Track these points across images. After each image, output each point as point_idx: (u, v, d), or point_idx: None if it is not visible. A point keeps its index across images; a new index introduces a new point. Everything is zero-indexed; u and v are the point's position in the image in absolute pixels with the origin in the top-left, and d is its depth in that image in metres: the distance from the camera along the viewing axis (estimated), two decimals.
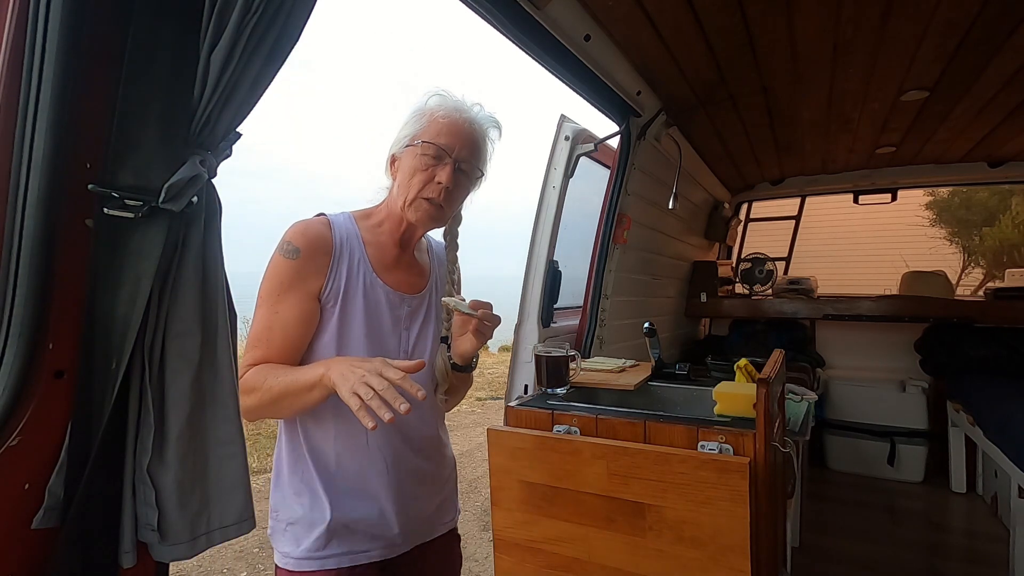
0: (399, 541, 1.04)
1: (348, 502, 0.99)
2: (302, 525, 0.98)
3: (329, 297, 0.98)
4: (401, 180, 1.03)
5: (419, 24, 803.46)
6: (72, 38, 0.50)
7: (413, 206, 1.02)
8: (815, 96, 2.13)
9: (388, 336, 1.03)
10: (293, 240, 0.96)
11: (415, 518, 1.06)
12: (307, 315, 0.96)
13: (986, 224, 8.19)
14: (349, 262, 1.00)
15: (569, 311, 2.16)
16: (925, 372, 3.48)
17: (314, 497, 0.99)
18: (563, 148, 1.87)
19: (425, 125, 1.01)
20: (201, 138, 0.57)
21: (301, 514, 0.99)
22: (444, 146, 1.00)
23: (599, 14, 1.50)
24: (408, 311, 1.07)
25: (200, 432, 0.59)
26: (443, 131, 1.01)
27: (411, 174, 1.01)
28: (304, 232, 0.97)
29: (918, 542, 2.66)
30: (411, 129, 1.03)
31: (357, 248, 1.02)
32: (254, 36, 0.55)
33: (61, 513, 0.53)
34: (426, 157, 1.00)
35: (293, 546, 0.98)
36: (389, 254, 1.07)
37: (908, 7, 1.48)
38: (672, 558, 1.08)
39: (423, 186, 1.01)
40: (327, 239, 0.99)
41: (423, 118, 1.02)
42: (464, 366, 1.09)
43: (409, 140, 1.02)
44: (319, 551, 0.97)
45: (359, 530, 1.00)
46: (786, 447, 1.37)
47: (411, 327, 1.07)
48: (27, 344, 0.51)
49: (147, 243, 0.55)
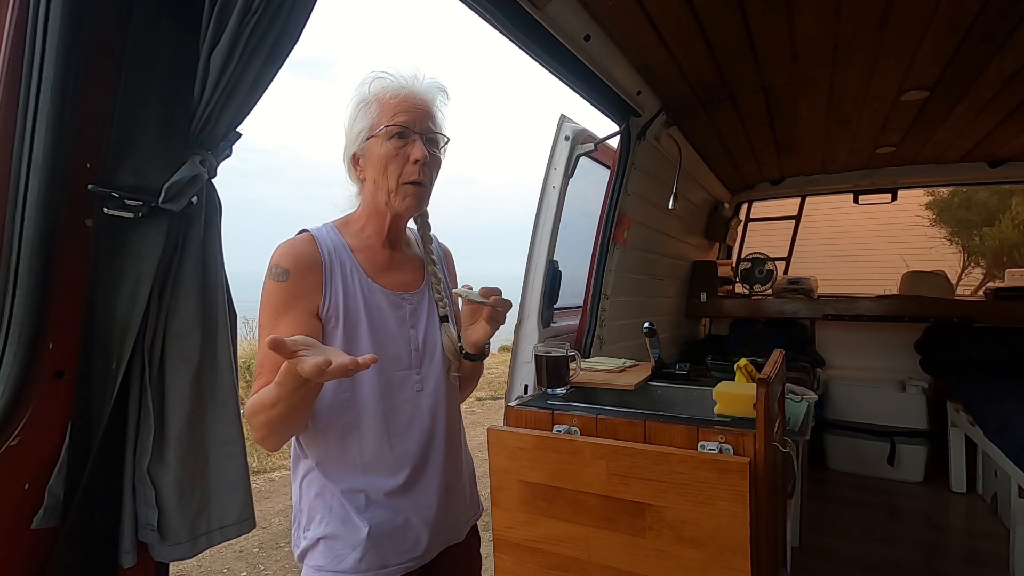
0: (428, 544, 1.02)
1: (378, 510, 0.98)
2: (337, 540, 0.96)
3: (330, 313, 0.96)
4: (374, 175, 1.00)
5: (419, 24, 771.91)
6: (72, 38, 0.50)
7: (399, 194, 0.99)
8: (815, 96, 2.12)
9: (396, 338, 1.02)
10: (281, 262, 0.93)
11: (442, 517, 1.05)
12: (308, 334, 0.92)
13: (986, 224, 8.18)
14: (342, 273, 0.98)
15: (569, 311, 2.16)
16: (925, 372, 3.48)
17: (344, 511, 0.97)
18: (563, 148, 1.87)
19: (377, 112, 0.98)
20: (201, 138, 0.57)
21: (333, 529, 0.97)
22: (405, 124, 0.97)
23: (599, 14, 1.50)
24: (411, 309, 1.05)
25: (200, 432, 0.59)
26: (398, 110, 0.97)
27: (383, 164, 0.98)
28: (290, 252, 0.95)
29: (918, 542, 2.66)
30: (365, 122, 0.98)
31: (347, 258, 1.00)
32: (254, 36, 0.55)
33: (61, 513, 0.53)
34: (392, 141, 0.97)
35: (327, 560, 0.96)
36: (380, 256, 1.05)
37: (908, 7, 1.48)
38: (672, 558, 1.08)
39: (401, 170, 0.98)
40: (315, 255, 0.97)
41: (371, 106, 0.98)
42: (476, 354, 1.07)
43: (368, 132, 0.98)
44: (355, 565, 0.95)
45: (394, 537, 0.98)
46: (786, 447, 1.37)
47: (417, 324, 1.06)
48: (27, 344, 0.51)
49: (147, 243, 0.55)
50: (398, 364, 1.01)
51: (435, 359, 1.06)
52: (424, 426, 1.03)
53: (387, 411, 0.98)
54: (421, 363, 1.04)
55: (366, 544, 0.96)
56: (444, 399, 1.06)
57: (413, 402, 1.01)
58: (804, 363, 3.26)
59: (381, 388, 0.98)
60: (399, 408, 1.00)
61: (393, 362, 1.00)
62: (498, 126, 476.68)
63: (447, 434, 1.07)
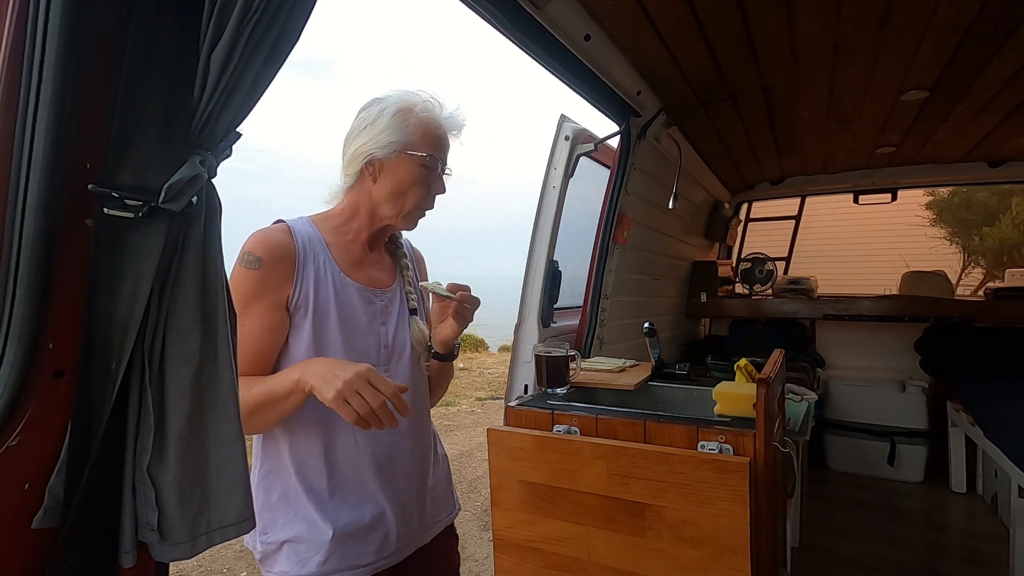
0: (398, 545, 1.02)
1: (344, 510, 0.97)
2: (300, 543, 0.95)
3: (299, 304, 0.95)
4: (393, 188, 1.00)
5: (419, 24, 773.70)
6: (72, 38, 0.50)
7: (409, 217, 1.03)
8: (815, 96, 2.13)
9: (365, 334, 1.01)
10: (254, 250, 0.93)
11: (412, 517, 1.05)
12: (275, 325, 0.93)
13: (986, 224, 8.19)
14: (315, 265, 0.98)
15: (569, 311, 2.16)
16: (925, 372, 3.48)
17: (308, 512, 0.95)
18: (563, 148, 1.87)
19: (416, 133, 0.99)
20: (201, 138, 0.57)
21: (297, 532, 0.95)
22: (439, 157, 1.02)
23: (599, 14, 1.50)
24: (382, 306, 1.05)
25: (200, 432, 0.59)
26: (434, 142, 1.01)
27: (408, 186, 1.00)
28: (263, 240, 0.94)
29: (918, 542, 2.66)
30: (399, 136, 0.98)
31: (321, 251, 1.00)
32: (254, 36, 0.55)
33: (61, 513, 0.52)
34: (423, 168, 1.00)
35: (292, 565, 0.94)
36: (354, 253, 1.05)
37: (908, 7, 1.48)
38: (672, 558, 1.08)
39: (420, 197, 1.02)
40: (289, 245, 0.96)
41: (409, 124, 0.99)
42: (445, 354, 1.07)
43: (398, 147, 0.98)
44: (319, 568, 0.94)
45: (360, 537, 0.97)
46: (786, 447, 1.37)
47: (387, 321, 1.05)
48: (27, 344, 0.51)
49: (147, 243, 0.55)
50: (366, 360, 0.98)
51: (404, 358, 1.06)
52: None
53: None
54: (389, 361, 1.04)
55: (331, 545, 0.94)
56: (412, 399, 1.04)
57: None
58: (804, 363, 3.26)
59: None
60: None
61: (361, 358, 0.99)
62: (498, 126, 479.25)
63: (415, 434, 1.07)
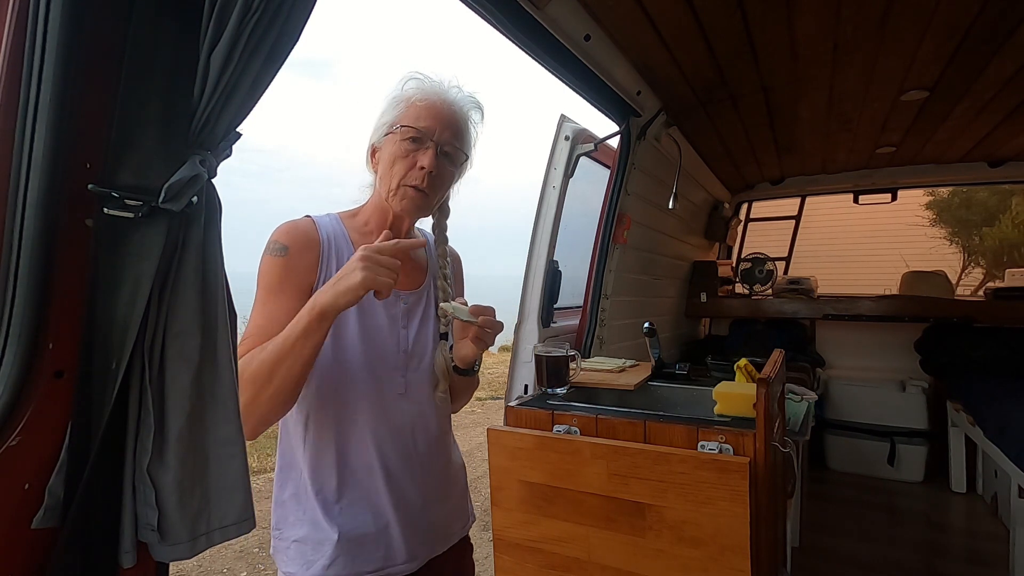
0: (407, 555, 0.99)
1: (351, 515, 0.96)
2: (307, 543, 0.95)
3: None
4: (383, 170, 1.00)
5: (419, 24, 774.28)
6: (72, 38, 0.50)
7: (397, 194, 0.98)
8: (815, 96, 2.13)
9: (385, 335, 1.00)
10: (280, 239, 0.94)
11: (423, 527, 1.02)
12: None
13: (986, 224, 8.19)
14: (338, 260, 0.97)
15: (569, 311, 2.16)
16: (925, 372, 3.48)
17: (315, 513, 0.95)
18: (563, 148, 1.87)
19: (403, 110, 0.98)
20: (201, 138, 0.57)
21: (304, 532, 0.95)
22: (424, 129, 0.96)
23: (599, 14, 1.50)
24: (404, 308, 1.03)
25: (200, 432, 0.59)
26: (422, 114, 0.97)
27: (392, 162, 0.98)
28: (290, 231, 0.95)
29: (918, 542, 2.66)
30: (389, 116, 0.99)
31: (345, 248, 0.99)
32: (254, 36, 0.55)
33: (61, 513, 0.52)
34: (406, 142, 0.97)
35: (298, 567, 0.94)
36: None
37: (908, 7, 1.48)
38: (672, 558, 1.08)
39: (405, 173, 0.97)
40: (314, 236, 0.97)
41: (400, 104, 0.98)
42: (466, 370, 1.05)
43: (388, 128, 0.98)
44: (323, 572, 0.93)
45: (367, 544, 0.96)
46: (786, 447, 1.37)
47: (409, 325, 1.03)
48: (27, 344, 0.51)
49: (147, 243, 0.55)
50: (383, 363, 0.98)
51: (423, 364, 1.03)
52: (404, 432, 1.00)
53: (368, 409, 0.97)
54: (407, 366, 1.01)
55: (335, 550, 0.93)
56: (428, 407, 1.03)
57: (394, 405, 0.99)
58: (804, 363, 3.26)
59: (363, 385, 0.96)
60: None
61: (378, 360, 0.98)
62: (498, 126, 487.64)
63: (429, 443, 1.04)
